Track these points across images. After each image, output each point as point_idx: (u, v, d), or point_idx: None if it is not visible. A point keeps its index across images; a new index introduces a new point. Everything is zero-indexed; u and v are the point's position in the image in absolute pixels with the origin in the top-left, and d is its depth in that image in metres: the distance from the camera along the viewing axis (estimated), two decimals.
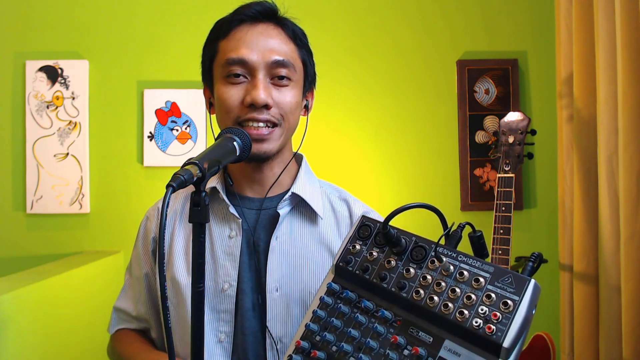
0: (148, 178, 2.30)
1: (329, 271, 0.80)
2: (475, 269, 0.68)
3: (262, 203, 1.00)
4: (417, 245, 0.74)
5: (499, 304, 0.63)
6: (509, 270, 0.66)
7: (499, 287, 0.65)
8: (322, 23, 2.32)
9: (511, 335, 0.61)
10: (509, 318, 0.62)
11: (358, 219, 0.81)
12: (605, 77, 1.56)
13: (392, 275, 0.73)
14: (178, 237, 1.00)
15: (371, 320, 0.72)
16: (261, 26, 0.95)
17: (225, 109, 0.93)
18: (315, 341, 0.74)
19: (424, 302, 0.68)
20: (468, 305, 0.65)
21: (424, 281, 0.70)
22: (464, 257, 0.70)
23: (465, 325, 0.64)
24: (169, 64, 2.30)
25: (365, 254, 0.77)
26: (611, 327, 1.58)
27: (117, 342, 1.08)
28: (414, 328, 0.69)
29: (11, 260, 2.25)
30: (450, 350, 0.64)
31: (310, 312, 0.77)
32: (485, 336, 0.62)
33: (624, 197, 1.46)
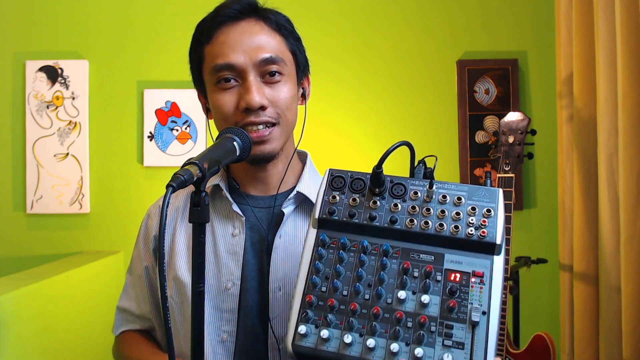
0: (148, 178, 2.30)
1: (308, 228, 0.81)
2: (453, 191, 0.78)
3: (267, 201, 0.99)
4: (395, 184, 0.81)
5: (483, 212, 0.75)
6: (478, 186, 0.78)
7: (476, 200, 0.77)
8: (322, 23, 2.32)
9: (500, 232, 0.73)
10: (494, 221, 0.74)
11: (326, 173, 0.84)
12: (605, 77, 1.56)
13: (380, 214, 0.78)
14: (180, 236, 1.00)
15: (371, 257, 0.76)
16: (243, 24, 0.92)
17: (221, 117, 0.93)
18: (322, 292, 0.75)
19: (418, 227, 0.76)
20: (458, 220, 0.75)
21: (413, 211, 0.77)
22: (439, 184, 0.80)
23: (461, 236, 0.74)
24: (169, 64, 2.30)
25: (347, 201, 0.80)
26: (611, 327, 1.58)
27: (122, 345, 1.07)
28: (414, 253, 0.75)
29: (11, 260, 2.26)
30: (452, 261, 0.74)
31: (306, 268, 0.78)
32: (480, 240, 0.73)
33: (624, 197, 1.46)
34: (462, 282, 0.72)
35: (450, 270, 0.73)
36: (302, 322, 0.74)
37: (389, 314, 0.72)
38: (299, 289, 0.76)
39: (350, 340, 0.70)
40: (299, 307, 0.75)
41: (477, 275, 0.71)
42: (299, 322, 0.74)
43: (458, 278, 0.72)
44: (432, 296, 0.71)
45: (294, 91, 0.96)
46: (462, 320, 0.69)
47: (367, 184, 0.81)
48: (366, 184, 0.82)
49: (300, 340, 0.73)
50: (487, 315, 0.69)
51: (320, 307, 0.74)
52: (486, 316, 0.69)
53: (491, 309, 0.69)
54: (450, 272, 0.73)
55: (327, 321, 0.73)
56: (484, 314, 0.69)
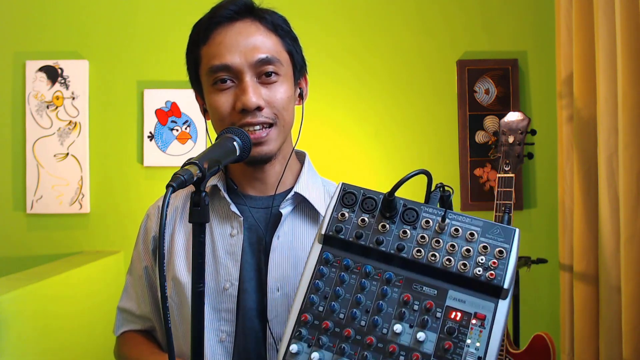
0: (148, 178, 2.30)
1: (314, 242, 0.79)
2: (466, 225, 0.75)
3: (266, 202, 0.99)
4: (407, 208, 0.78)
5: (494, 253, 0.72)
6: (495, 222, 0.75)
7: (490, 238, 0.73)
8: (322, 23, 2.32)
9: (509, 277, 0.70)
10: (504, 264, 0.71)
11: (338, 187, 0.81)
12: (605, 77, 1.56)
13: (388, 239, 0.76)
14: (178, 236, 1.00)
15: (373, 283, 0.74)
16: (239, 25, 0.92)
17: (218, 118, 0.93)
18: (318, 312, 0.74)
19: (425, 259, 0.73)
20: (468, 257, 0.72)
21: (422, 240, 0.75)
22: (453, 215, 0.76)
23: (468, 275, 0.71)
24: (169, 64, 2.30)
25: (356, 221, 0.78)
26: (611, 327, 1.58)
27: (122, 345, 1.07)
28: (417, 284, 0.73)
29: (11, 260, 2.25)
30: (455, 299, 0.71)
31: (306, 285, 0.76)
32: (488, 282, 0.70)
33: (624, 197, 1.46)
34: (462, 322, 0.70)
35: (451, 308, 0.71)
36: (294, 340, 0.73)
37: (382, 344, 0.70)
38: (295, 306, 0.75)
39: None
40: (293, 324, 0.74)
41: (478, 318, 0.69)
42: (292, 339, 0.73)
43: (459, 317, 0.70)
44: (429, 333, 0.70)
45: (291, 91, 0.96)
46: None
47: (378, 205, 0.79)
48: (377, 204, 0.79)
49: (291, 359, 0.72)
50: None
51: (315, 326, 0.73)
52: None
53: (487, 355, 0.67)
54: (452, 310, 0.71)
55: (319, 342, 0.72)
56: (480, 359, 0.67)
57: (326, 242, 0.78)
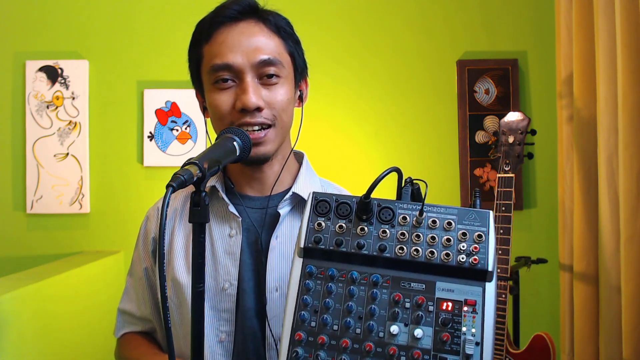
0: (148, 178, 2.30)
1: (294, 257, 0.78)
2: (442, 215, 0.76)
3: (264, 202, 0.99)
4: (382, 208, 0.78)
5: (474, 237, 0.73)
6: (468, 208, 0.76)
7: (467, 224, 0.75)
8: (323, 23, 2.32)
9: (491, 259, 0.72)
10: (485, 247, 0.73)
11: (309, 197, 0.80)
12: (605, 77, 1.56)
13: (369, 241, 0.76)
14: (178, 236, 1.00)
15: (361, 288, 0.74)
16: (242, 25, 0.92)
17: (217, 116, 0.93)
18: (311, 328, 0.73)
19: (408, 255, 0.74)
20: (449, 246, 0.73)
21: (402, 237, 0.75)
22: (428, 207, 0.77)
23: (452, 263, 0.72)
24: (169, 64, 2.30)
25: (333, 228, 0.77)
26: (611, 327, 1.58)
27: (123, 347, 1.07)
28: (405, 282, 0.74)
29: (11, 260, 2.26)
30: (444, 289, 0.72)
31: (293, 303, 0.75)
32: (472, 267, 0.72)
33: (624, 197, 1.46)
34: (454, 311, 0.71)
35: (442, 299, 0.72)
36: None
37: (381, 348, 0.70)
38: (287, 325, 0.74)
39: None
40: (287, 344, 0.73)
41: (469, 304, 0.71)
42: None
43: (450, 307, 0.71)
44: (424, 328, 0.70)
45: (291, 93, 0.96)
46: (456, 352, 0.69)
47: (353, 209, 0.78)
48: (352, 208, 0.78)
49: None
50: (480, 346, 0.68)
51: (311, 343, 0.72)
52: (479, 347, 0.68)
53: (484, 339, 0.69)
54: (442, 301, 0.71)
55: (318, 359, 0.71)
56: (478, 344, 0.68)
57: (307, 255, 0.77)
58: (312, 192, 0.81)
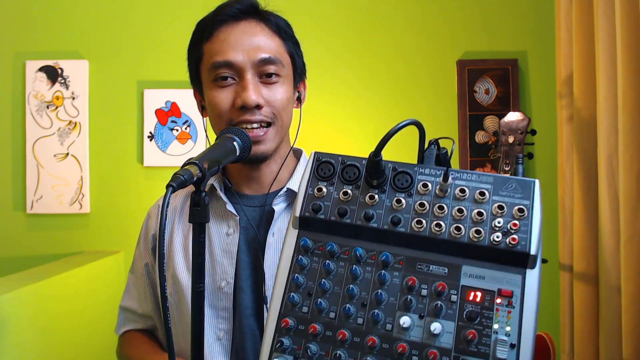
0: (148, 178, 2.30)
1: (287, 228, 0.66)
2: (474, 183, 0.61)
3: (261, 200, 1.00)
4: (398, 172, 0.65)
5: (513, 212, 0.59)
6: (507, 176, 0.61)
7: (505, 195, 0.60)
8: (323, 23, 2.32)
9: (535, 240, 0.57)
10: (527, 224, 0.58)
11: (310, 158, 0.69)
12: (605, 77, 1.56)
13: (379, 212, 0.62)
14: (177, 235, 1.01)
15: (367, 269, 0.61)
16: (243, 24, 0.93)
17: (217, 114, 0.93)
18: (303, 314, 0.61)
19: (428, 231, 0.60)
20: (480, 222, 0.59)
21: (422, 209, 0.61)
22: (456, 172, 0.63)
23: (483, 243, 0.58)
24: (169, 64, 2.30)
25: (336, 195, 0.64)
26: (611, 327, 1.58)
27: (124, 345, 1.08)
28: (422, 263, 0.60)
29: (11, 260, 2.25)
30: (472, 275, 0.58)
31: (283, 282, 0.63)
32: (509, 249, 0.57)
33: (624, 197, 1.46)
34: (484, 303, 0.57)
35: (468, 287, 0.58)
36: (276, 354, 0.60)
37: (388, 344, 0.57)
38: (273, 310, 0.62)
39: None
40: (272, 333, 0.61)
41: (504, 295, 0.57)
42: (273, 352, 0.60)
43: (479, 298, 0.57)
44: (444, 322, 0.57)
45: (290, 93, 0.97)
46: (484, 355, 0.54)
47: (362, 173, 0.66)
48: (361, 172, 0.66)
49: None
50: (516, 349, 0.54)
51: (300, 332, 0.60)
52: (515, 351, 0.54)
53: (522, 341, 0.54)
54: (469, 291, 0.58)
55: (308, 353, 0.59)
56: (513, 347, 0.54)
57: (303, 226, 0.65)
58: (314, 152, 0.69)
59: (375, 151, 0.64)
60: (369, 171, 0.65)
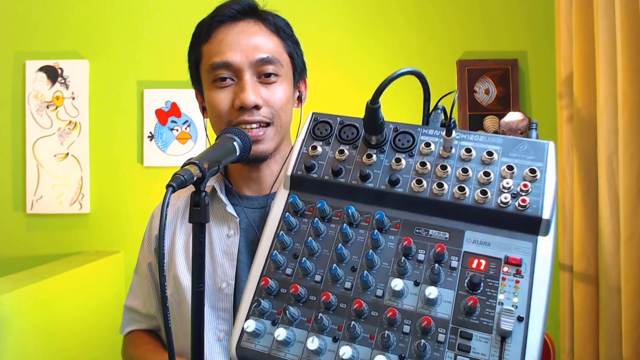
0: (148, 178, 2.30)
1: (279, 189, 0.62)
2: (481, 143, 0.56)
3: (262, 201, 1.00)
4: (400, 132, 0.60)
5: (524, 173, 0.53)
6: (518, 137, 0.56)
7: (515, 157, 0.55)
8: (322, 23, 2.32)
9: (549, 204, 0.51)
10: (539, 186, 0.52)
11: (307, 118, 0.64)
12: (605, 77, 1.56)
13: (376, 172, 0.58)
14: (179, 236, 1.01)
15: (360, 232, 0.56)
16: (241, 24, 0.93)
17: (216, 114, 0.93)
18: (286, 276, 0.56)
19: (428, 192, 0.55)
20: (487, 182, 0.54)
21: (422, 168, 0.56)
22: (463, 133, 0.57)
23: (489, 206, 0.52)
24: (169, 64, 2.30)
25: (332, 155, 0.60)
26: (611, 327, 1.58)
27: (128, 345, 1.08)
28: (420, 228, 0.55)
29: (11, 260, 2.25)
30: (476, 241, 0.53)
31: (268, 241, 0.58)
32: (519, 212, 0.51)
33: (624, 197, 1.46)
34: (488, 271, 0.51)
35: (472, 254, 0.52)
36: (253, 317, 0.55)
37: (377, 311, 0.51)
38: (255, 270, 0.58)
39: (317, 347, 0.50)
40: (252, 294, 0.57)
41: (511, 264, 0.51)
42: (249, 315, 0.56)
43: (483, 266, 0.51)
44: (442, 290, 0.51)
45: (290, 93, 0.97)
46: (486, 327, 0.49)
47: (361, 134, 0.62)
48: (360, 132, 0.62)
49: (248, 342, 0.55)
50: (524, 322, 0.48)
51: (281, 296, 0.55)
52: (523, 324, 0.48)
53: (532, 313, 0.48)
54: (473, 257, 0.52)
55: (287, 317, 0.53)
56: (520, 320, 0.48)
57: (295, 186, 0.60)
58: (312, 112, 0.65)
59: (372, 98, 0.58)
60: (367, 123, 0.59)
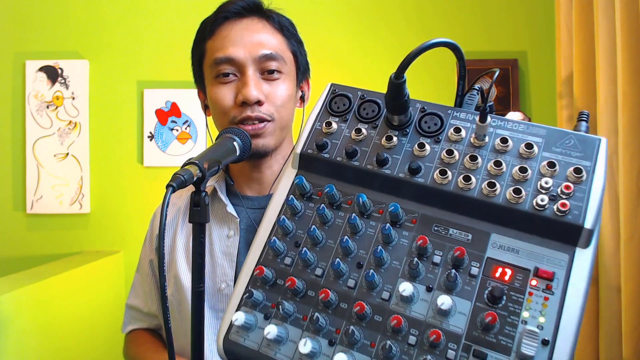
0: (148, 178, 2.30)
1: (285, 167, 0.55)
2: (520, 133, 0.49)
3: (262, 201, 1.00)
4: (427, 114, 0.54)
5: (568, 173, 0.46)
6: (565, 130, 0.48)
7: (559, 152, 0.47)
8: (322, 23, 2.32)
9: (593, 211, 0.44)
10: (584, 190, 0.45)
11: (326, 89, 0.58)
12: (605, 77, 1.56)
13: (395, 157, 0.51)
14: (180, 236, 1.01)
15: (370, 223, 0.50)
16: (245, 21, 0.93)
17: (219, 110, 0.93)
18: (285, 266, 0.50)
19: (453, 185, 0.48)
20: (523, 180, 0.46)
21: (449, 157, 0.49)
22: (499, 120, 0.51)
23: (523, 207, 0.45)
24: (169, 64, 2.30)
25: (348, 133, 0.54)
26: (611, 327, 1.58)
27: (129, 344, 1.09)
28: (440, 225, 0.48)
29: (11, 260, 2.25)
30: (502, 246, 0.46)
31: (268, 226, 0.52)
32: (557, 218, 0.44)
33: (624, 197, 1.46)
34: (513, 283, 0.44)
35: (496, 261, 0.45)
36: (244, 308, 0.50)
37: (381, 316, 0.46)
38: (251, 257, 0.53)
39: (310, 350, 0.45)
40: (246, 282, 0.52)
41: (541, 277, 0.44)
42: (241, 305, 0.51)
43: (508, 276, 0.45)
44: (457, 299, 0.44)
45: (292, 91, 0.97)
46: (504, 348, 0.42)
47: (383, 112, 0.56)
48: (382, 111, 0.56)
49: (237, 335, 0.50)
50: (549, 347, 0.41)
51: (277, 288, 0.49)
52: (548, 349, 0.41)
53: (559, 337, 0.42)
54: (497, 265, 0.45)
55: (281, 312, 0.48)
56: (545, 344, 0.41)
57: (303, 166, 0.55)
58: (331, 83, 0.59)
59: (397, 71, 0.50)
60: (389, 100, 0.53)
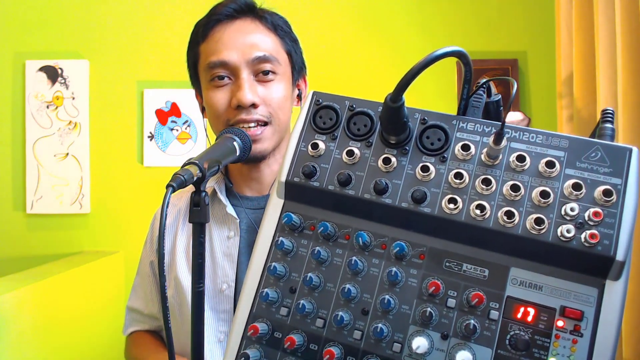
0: (148, 178, 2.30)
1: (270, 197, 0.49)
2: (539, 148, 0.42)
3: (262, 202, 0.99)
4: (428, 126, 0.48)
5: (596, 195, 0.39)
6: (589, 139, 0.41)
7: (585, 168, 0.40)
8: (321, 23, 2.32)
9: (625, 239, 0.38)
10: (614, 215, 0.38)
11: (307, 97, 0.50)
12: (605, 77, 1.56)
13: (396, 183, 0.45)
14: (180, 237, 1.01)
15: (373, 261, 0.44)
16: (238, 23, 0.93)
17: (214, 114, 0.93)
18: (281, 317, 0.45)
19: (464, 214, 0.42)
20: (544, 206, 0.40)
21: (459, 182, 0.43)
22: (513, 130, 0.44)
23: (545, 238, 0.39)
24: (169, 64, 2.30)
25: (338, 155, 0.47)
26: None
27: (130, 345, 1.09)
28: (452, 261, 0.42)
29: (11, 260, 2.25)
30: (523, 282, 0.40)
31: (258, 272, 0.47)
32: (586, 250, 0.38)
33: None
34: (538, 325, 0.39)
35: (517, 300, 0.40)
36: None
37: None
38: (242, 309, 0.48)
39: None
40: (239, 339, 0.47)
41: (568, 317, 0.39)
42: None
43: (531, 317, 0.39)
44: (477, 347, 0.39)
45: (288, 91, 0.96)
46: None
47: (376, 126, 0.50)
48: (375, 125, 0.51)
49: None
50: None
51: (275, 342, 0.45)
52: None
53: None
54: (518, 305, 0.40)
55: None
56: None
57: (290, 196, 0.48)
58: (313, 92, 0.51)
59: (394, 92, 0.43)
60: (386, 123, 0.48)
